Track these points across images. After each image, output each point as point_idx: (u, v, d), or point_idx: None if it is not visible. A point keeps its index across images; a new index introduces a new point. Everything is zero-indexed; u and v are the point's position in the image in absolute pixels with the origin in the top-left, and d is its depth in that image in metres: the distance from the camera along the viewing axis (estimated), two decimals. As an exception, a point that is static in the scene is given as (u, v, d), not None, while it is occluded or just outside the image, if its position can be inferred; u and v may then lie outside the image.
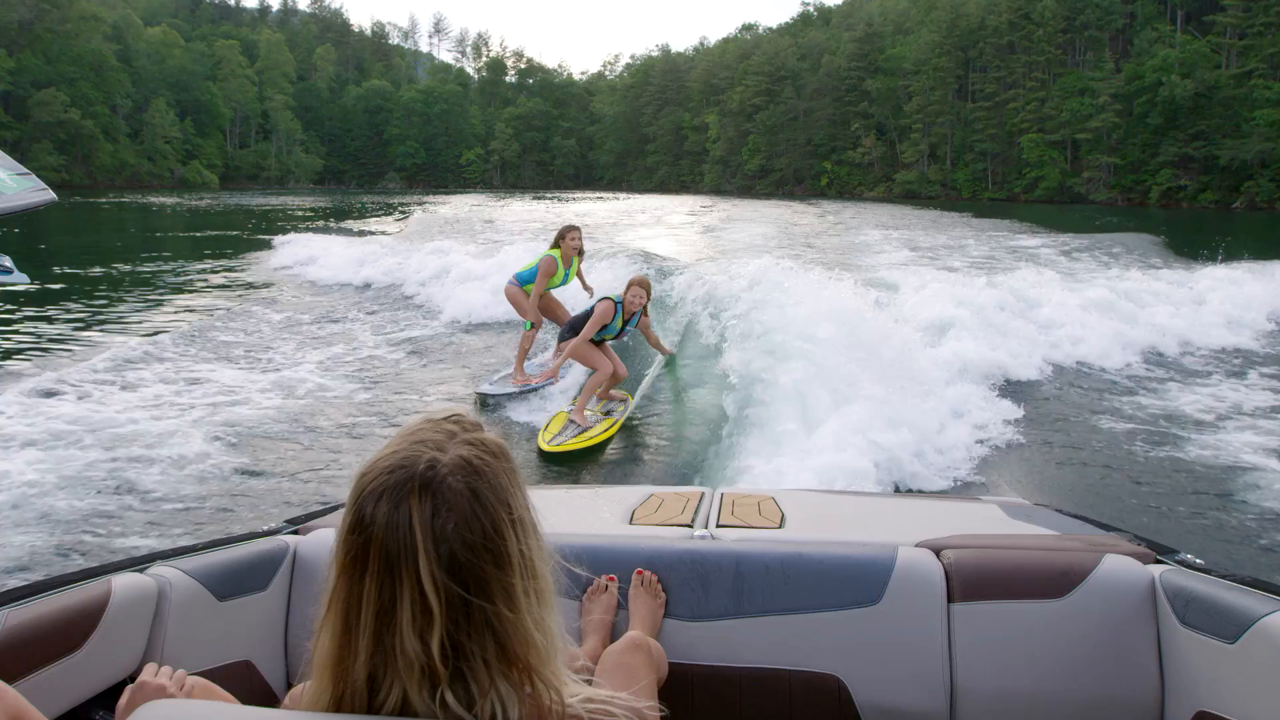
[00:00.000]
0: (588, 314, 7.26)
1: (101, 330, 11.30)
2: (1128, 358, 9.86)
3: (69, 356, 9.36)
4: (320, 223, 36.03)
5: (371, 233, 27.76)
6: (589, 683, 1.11)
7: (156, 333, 10.82)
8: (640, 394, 7.73)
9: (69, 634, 1.65)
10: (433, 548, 0.97)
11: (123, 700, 1.43)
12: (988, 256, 21.04)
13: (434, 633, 0.97)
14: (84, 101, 78.49)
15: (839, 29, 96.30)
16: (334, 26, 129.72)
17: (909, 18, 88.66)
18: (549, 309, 8.44)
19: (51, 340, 10.45)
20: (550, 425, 6.93)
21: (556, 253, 8.05)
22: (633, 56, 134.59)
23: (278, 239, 21.95)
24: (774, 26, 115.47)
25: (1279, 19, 60.42)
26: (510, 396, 7.87)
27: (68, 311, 12.62)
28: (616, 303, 7.19)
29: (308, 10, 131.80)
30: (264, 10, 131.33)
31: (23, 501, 5.17)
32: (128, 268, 19.08)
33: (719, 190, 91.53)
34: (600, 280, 9.83)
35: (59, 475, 5.61)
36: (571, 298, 8.84)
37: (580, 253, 8.23)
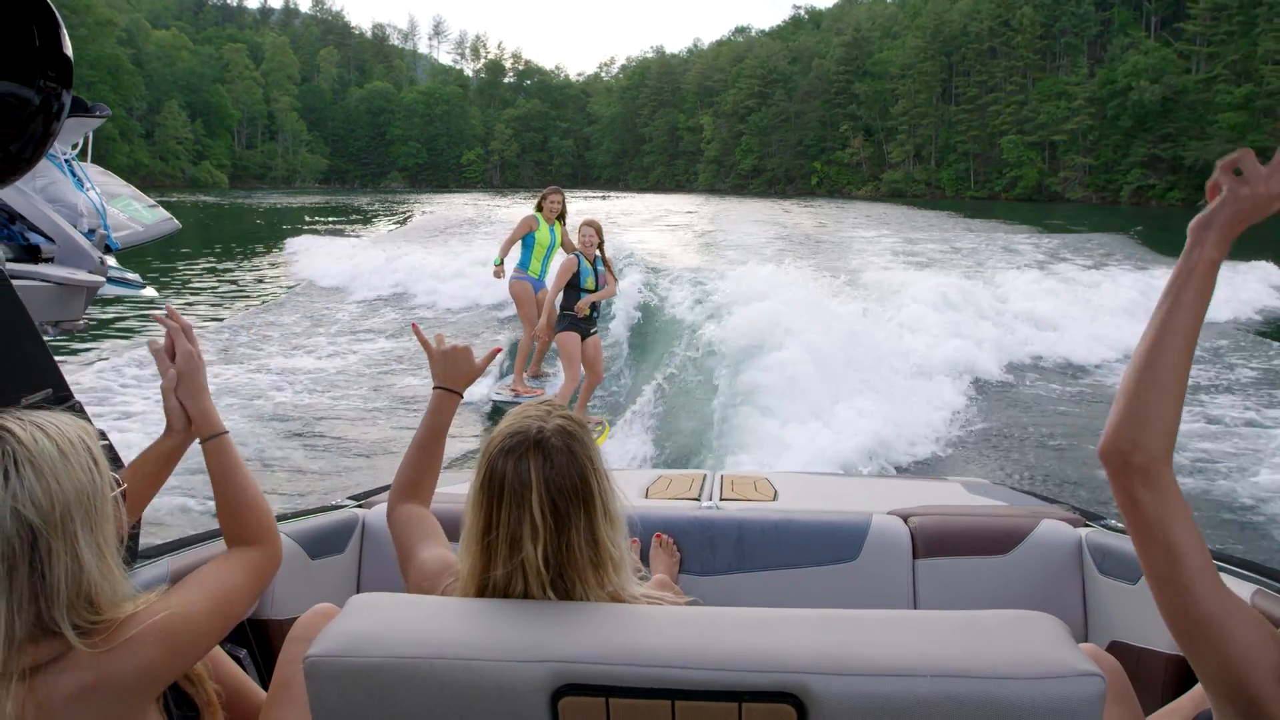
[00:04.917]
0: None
1: (129, 332, 11.59)
2: (1084, 353, 10.32)
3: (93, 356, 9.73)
4: (330, 220, 37.26)
5: (380, 232, 28.72)
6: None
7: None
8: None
9: None
10: (542, 486, 1.38)
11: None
12: (945, 238, 23.45)
13: (539, 546, 1.38)
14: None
15: (829, 32, 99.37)
16: (335, 29, 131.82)
17: (896, 22, 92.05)
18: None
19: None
20: None
21: (539, 213, 7.89)
22: (628, 58, 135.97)
23: (291, 241, 22.40)
24: (766, 30, 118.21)
25: (1240, 27, 63.57)
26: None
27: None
28: (577, 256, 7.22)
29: (309, 13, 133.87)
30: (266, 12, 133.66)
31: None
32: (163, 267, 19.44)
33: (713, 189, 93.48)
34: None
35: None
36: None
37: (562, 217, 7.97)
